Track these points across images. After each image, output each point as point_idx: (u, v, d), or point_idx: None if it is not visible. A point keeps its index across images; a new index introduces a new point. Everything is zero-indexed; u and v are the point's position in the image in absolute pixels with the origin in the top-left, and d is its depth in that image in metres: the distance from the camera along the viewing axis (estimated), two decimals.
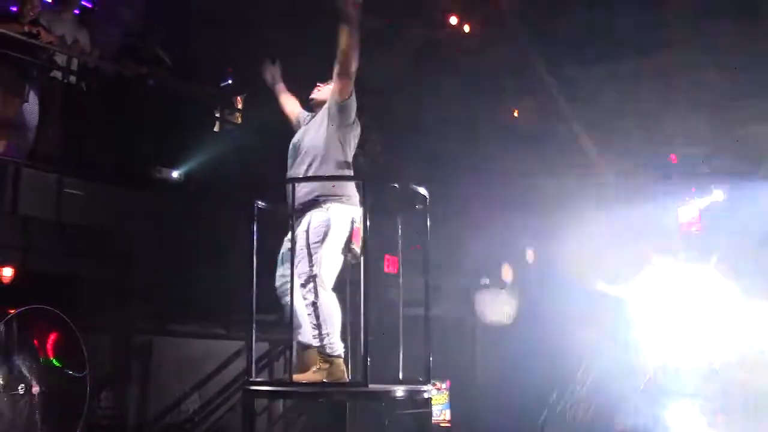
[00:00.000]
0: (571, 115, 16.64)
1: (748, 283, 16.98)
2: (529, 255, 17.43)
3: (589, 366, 17.20)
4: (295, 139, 5.69)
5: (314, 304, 5.17)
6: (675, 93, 16.00)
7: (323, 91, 5.79)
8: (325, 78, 5.77)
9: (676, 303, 18.05)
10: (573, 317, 16.85)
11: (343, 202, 5.31)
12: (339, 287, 5.51)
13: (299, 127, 5.89)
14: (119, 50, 10.14)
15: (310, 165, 5.43)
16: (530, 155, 16.47)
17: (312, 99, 5.83)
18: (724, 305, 17.25)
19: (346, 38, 5.36)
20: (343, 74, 5.44)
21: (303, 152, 5.52)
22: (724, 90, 15.52)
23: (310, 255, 5.20)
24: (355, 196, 5.33)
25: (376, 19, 11.43)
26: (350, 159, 5.57)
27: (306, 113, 5.95)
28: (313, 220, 5.25)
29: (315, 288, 5.18)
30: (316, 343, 5.18)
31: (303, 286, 5.20)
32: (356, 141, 5.66)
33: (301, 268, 5.21)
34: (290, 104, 6.21)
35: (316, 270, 5.19)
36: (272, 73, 6.28)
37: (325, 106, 5.61)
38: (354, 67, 5.44)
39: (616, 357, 18.07)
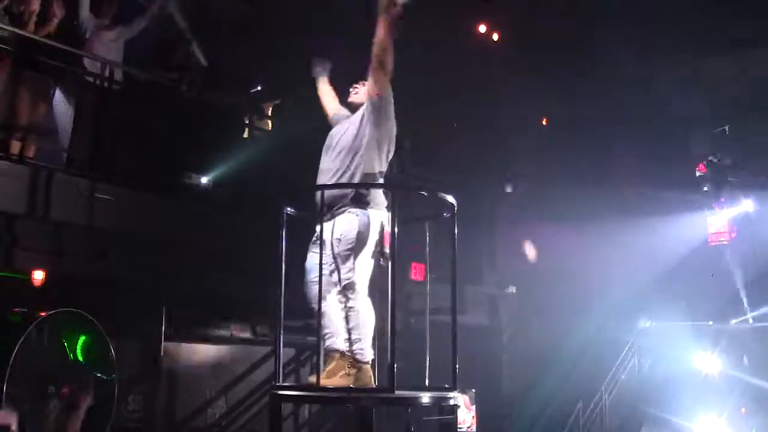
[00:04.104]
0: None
1: None
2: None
3: (614, 377, 17.12)
4: (330, 136, 5.67)
5: (351, 309, 5.18)
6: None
7: (361, 93, 5.76)
8: (361, 78, 5.78)
9: None
10: (600, 327, 16.80)
11: (371, 207, 5.31)
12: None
13: (334, 123, 5.85)
14: (151, 56, 10.24)
15: (340, 167, 5.42)
16: (557, 165, 16.47)
17: (351, 102, 5.79)
18: None
19: (383, 29, 5.37)
20: (379, 67, 5.43)
21: (336, 152, 5.51)
22: None
23: (344, 262, 5.21)
24: (384, 201, 5.32)
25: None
26: (384, 164, 5.53)
27: (345, 111, 5.90)
28: (340, 226, 5.25)
29: (352, 294, 5.20)
30: (345, 347, 5.20)
31: (341, 293, 5.21)
32: (392, 146, 5.63)
33: (336, 276, 5.22)
34: (329, 99, 6.15)
35: (352, 276, 5.21)
36: (321, 64, 6.20)
37: (363, 106, 5.59)
38: (390, 60, 5.42)
39: (641, 367, 18.00)
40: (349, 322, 5.18)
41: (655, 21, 14.16)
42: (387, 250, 5.25)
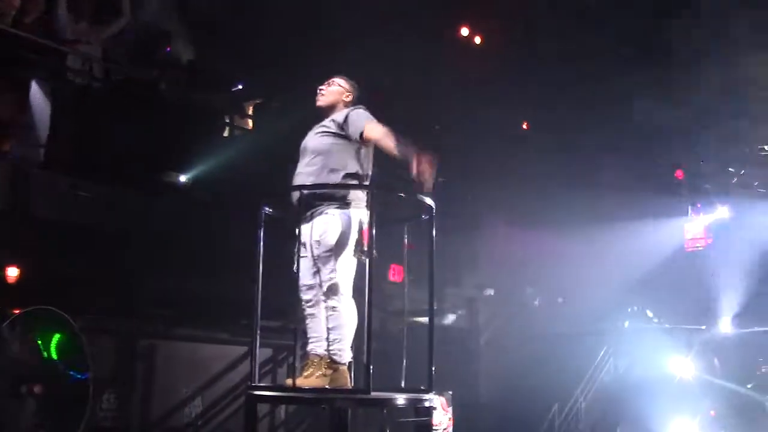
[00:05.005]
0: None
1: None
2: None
3: (590, 380, 17.21)
4: (304, 141, 5.67)
5: (333, 309, 5.18)
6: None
7: (327, 95, 5.76)
8: (330, 77, 5.79)
9: None
10: (577, 330, 16.90)
11: (350, 206, 5.31)
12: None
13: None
14: (133, 54, 10.19)
15: (315, 169, 5.41)
16: (538, 169, 16.55)
17: (319, 107, 5.78)
18: None
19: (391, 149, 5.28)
20: (371, 141, 5.40)
21: (310, 155, 5.50)
22: None
23: (325, 264, 5.20)
24: (362, 199, 5.30)
25: None
26: (362, 163, 5.52)
27: None
28: (318, 227, 5.24)
29: (336, 295, 5.19)
30: (324, 346, 5.20)
31: (325, 294, 5.21)
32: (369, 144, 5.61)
33: (319, 277, 5.21)
34: None
35: (334, 277, 5.20)
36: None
37: (335, 116, 5.57)
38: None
39: (617, 370, 18.13)
40: (329, 322, 5.18)
41: (638, 29, 14.26)
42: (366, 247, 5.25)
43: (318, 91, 5.79)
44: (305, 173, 5.45)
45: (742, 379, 18.23)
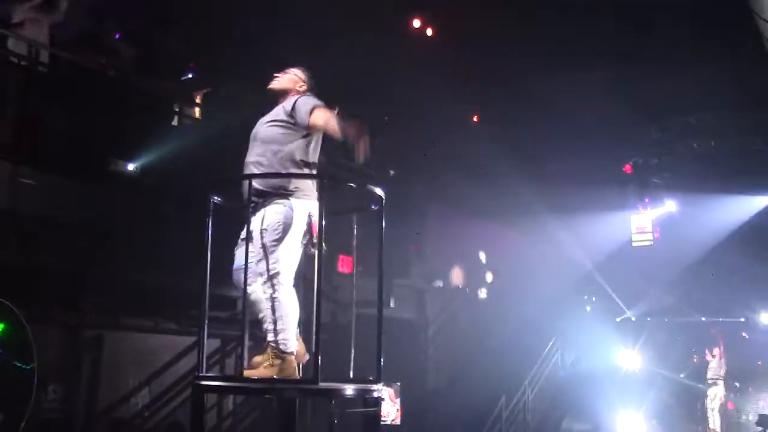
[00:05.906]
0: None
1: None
2: (482, 256, 17.52)
3: (538, 372, 17.39)
4: (255, 127, 5.65)
5: (274, 299, 5.16)
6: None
7: (281, 81, 5.74)
8: (287, 67, 5.77)
9: None
10: (525, 322, 17.07)
11: (298, 197, 5.31)
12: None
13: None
14: (80, 39, 10.04)
15: (264, 158, 5.40)
16: (488, 161, 16.64)
17: (270, 90, 5.77)
18: None
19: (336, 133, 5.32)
20: (317, 127, 5.43)
21: (258, 143, 5.49)
22: None
23: (270, 253, 5.19)
24: (312, 190, 5.32)
25: None
26: (311, 154, 5.52)
27: None
28: (268, 216, 5.23)
29: (276, 285, 5.18)
30: (270, 337, 5.18)
31: (266, 283, 5.19)
32: (320, 136, 5.62)
33: (262, 266, 5.19)
34: None
35: (277, 267, 5.19)
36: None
37: (285, 103, 5.57)
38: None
39: (564, 363, 18.36)
40: (274, 312, 5.18)
41: (580, 23, 14.39)
42: (315, 238, 5.26)
43: (273, 76, 5.78)
44: (254, 163, 5.43)
45: (677, 368, 18.78)
